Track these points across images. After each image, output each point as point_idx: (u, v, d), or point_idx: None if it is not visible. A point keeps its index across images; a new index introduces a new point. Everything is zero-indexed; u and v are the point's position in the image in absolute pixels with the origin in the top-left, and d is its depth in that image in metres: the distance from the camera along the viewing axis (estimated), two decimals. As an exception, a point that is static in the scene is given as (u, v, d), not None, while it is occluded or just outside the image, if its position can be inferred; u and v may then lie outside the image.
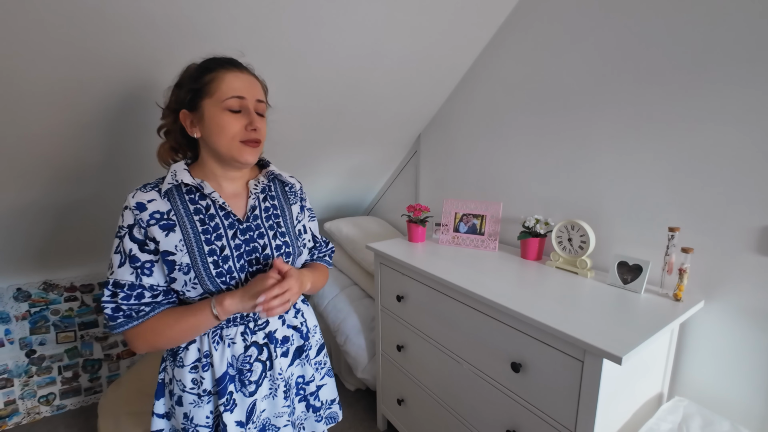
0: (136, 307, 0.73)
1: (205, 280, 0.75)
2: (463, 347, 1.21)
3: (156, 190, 0.76)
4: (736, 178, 0.98)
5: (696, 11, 1.00)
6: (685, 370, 1.12)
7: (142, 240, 0.73)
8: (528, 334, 1.00)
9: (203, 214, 0.77)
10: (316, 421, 0.96)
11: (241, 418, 0.80)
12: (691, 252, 1.02)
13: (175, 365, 0.80)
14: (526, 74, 1.44)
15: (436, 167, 1.95)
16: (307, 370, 0.94)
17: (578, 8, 1.24)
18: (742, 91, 0.94)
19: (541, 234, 1.37)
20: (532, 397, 1.01)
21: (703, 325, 1.08)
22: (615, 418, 0.95)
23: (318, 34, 1.19)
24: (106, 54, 0.97)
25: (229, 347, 0.80)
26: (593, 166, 1.27)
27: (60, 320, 1.85)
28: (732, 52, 0.95)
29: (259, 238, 0.81)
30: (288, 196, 0.92)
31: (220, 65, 0.76)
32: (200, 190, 0.78)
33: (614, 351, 0.79)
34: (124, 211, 0.74)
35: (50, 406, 1.86)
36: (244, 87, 0.75)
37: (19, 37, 0.86)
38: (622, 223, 1.22)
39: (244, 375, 0.81)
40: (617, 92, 1.18)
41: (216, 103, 0.74)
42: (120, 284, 0.73)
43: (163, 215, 0.74)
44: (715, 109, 0.99)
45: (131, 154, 1.34)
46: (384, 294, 1.57)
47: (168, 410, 0.84)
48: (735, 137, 0.97)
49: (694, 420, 0.99)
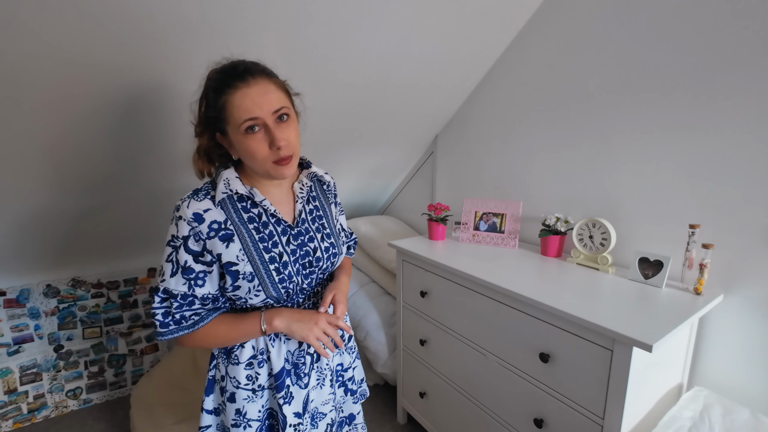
0: (187, 316, 0.75)
1: (269, 287, 0.77)
2: (488, 340, 1.26)
3: (209, 198, 0.75)
4: (754, 178, 1.02)
5: (716, 17, 1.04)
6: (704, 361, 1.17)
7: (198, 252, 0.73)
8: (556, 325, 1.04)
9: (257, 222, 0.78)
10: (353, 403, 1.01)
11: (298, 410, 0.83)
12: (711, 248, 1.07)
13: (229, 362, 0.82)
14: (546, 76, 1.49)
15: (453, 167, 2.00)
16: (345, 359, 0.98)
17: (599, 13, 1.29)
18: (762, 94, 0.99)
19: (562, 232, 1.42)
20: (560, 387, 1.05)
21: (722, 318, 1.12)
22: (640, 406, 1.00)
23: (346, 37, 1.24)
24: (118, 59, 1.01)
25: (285, 343, 0.83)
26: (613, 166, 1.32)
27: (87, 316, 1.90)
28: (752, 56, 1.00)
29: (310, 242, 0.84)
30: (327, 195, 0.94)
31: (227, 85, 0.71)
32: (251, 198, 0.78)
33: (645, 339, 0.84)
34: (179, 221, 0.73)
35: (77, 400, 1.91)
36: (254, 104, 0.70)
37: (42, 41, 0.90)
38: (642, 221, 1.27)
39: (299, 369, 0.84)
40: (638, 94, 1.23)
41: (235, 129, 0.71)
42: (172, 293, 0.74)
43: (220, 225, 0.74)
44: (735, 112, 1.04)
45: (152, 157, 1.39)
46: (406, 290, 1.62)
47: (217, 406, 0.86)
48: (754, 138, 1.02)
49: (715, 408, 1.03)
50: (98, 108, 1.12)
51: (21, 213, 1.39)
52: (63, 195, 1.39)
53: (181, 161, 1.46)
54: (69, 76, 0.99)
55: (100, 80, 1.04)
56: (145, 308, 2.03)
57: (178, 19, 0.97)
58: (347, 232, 1.06)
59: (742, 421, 0.99)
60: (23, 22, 0.84)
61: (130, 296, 1.99)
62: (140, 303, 2.02)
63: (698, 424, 0.99)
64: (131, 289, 1.99)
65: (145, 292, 2.02)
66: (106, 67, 1.01)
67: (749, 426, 0.97)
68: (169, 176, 1.52)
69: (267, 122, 0.71)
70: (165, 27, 0.98)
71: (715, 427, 0.98)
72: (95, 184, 1.40)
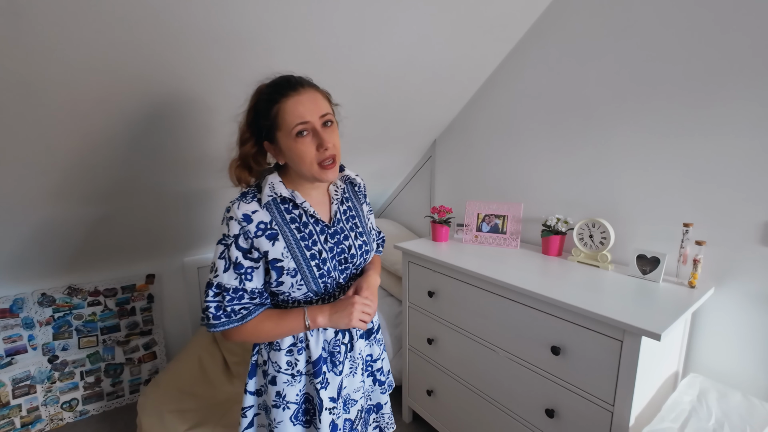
0: (236, 309, 0.81)
1: (310, 282, 0.84)
2: (498, 336, 1.31)
3: (256, 201, 0.82)
4: (743, 180, 1.12)
5: (709, 30, 1.14)
6: (697, 350, 1.26)
7: (247, 249, 0.80)
8: (565, 319, 1.11)
9: (298, 223, 0.85)
10: (381, 393, 1.07)
11: (333, 395, 0.90)
12: (704, 244, 1.16)
13: (271, 349, 0.89)
14: (545, 84, 1.57)
15: (452, 171, 2.06)
16: (374, 350, 1.04)
17: (597, 23, 1.38)
18: (752, 101, 1.09)
19: (562, 232, 1.50)
20: (571, 377, 1.11)
21: (713, 310, 1.22)
22: (645, 394, 1.07)
23: (359, 46, 1.28)
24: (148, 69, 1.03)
25: (322, 333, 0.89)
26: (611, 169, 1.41)
27: (83, 325, 1.85)
28: (740, 67, 1.10)
29: (345, 240, 0.91)
30: (358, 196, 1.01)
31: (281, 94, 0.78)
32: (293, 200, 0.85)
33: (653, 329, 0.91)
34: (230, 221, 0.80)
35: (73, 412, 1.85)
36: (306, 110, 0.78)
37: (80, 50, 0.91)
38: (639, 220, 1.35)
39: (335, 357, 0.91)
40: (635, 101, 1.32)
41: (287, 134, 0.79)
42: (225, 287, 0.80)
43: (267, 225, 0.81)
44: (728, 118, 1.13)
45: (158, 162, 1.38)
46: (413, 291, 1.66)
47: (259, 388, 0.93)
48: (745, 143, 1.11)
49: (711, 393, 1.12)
50: (115, 115, 1.12)
51: (20, 221, 1.36)
52: (63, 203, 1.36)
53: (190, 166, 1.46)
54: (91, 82, 0.99)
55: (119, 88, 1.05)
56: (143, 315, 1.99)
57: (205, 28, 0.99)
58: (376, 230, 1.12)
59: (735, 403, 1.08)
60: (48, 29, 0.84)
61: (128, 303, 1.95)
62: (138, 310, 1.98)
63: (697, 407, 1.07)
64: (129, 296, 1.95)
65: (143, 299, 1.99)
66: (129, 75, 1.02)
67: (742, 407, 1.06)
68: (175, 182, 1.51)
69: (315, 126, 0.79)
70: (189, 37, 1.00)
71: (713, 409, 1.06)
72: (97, 192, 1.38)
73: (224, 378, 1.66)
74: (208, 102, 1.23)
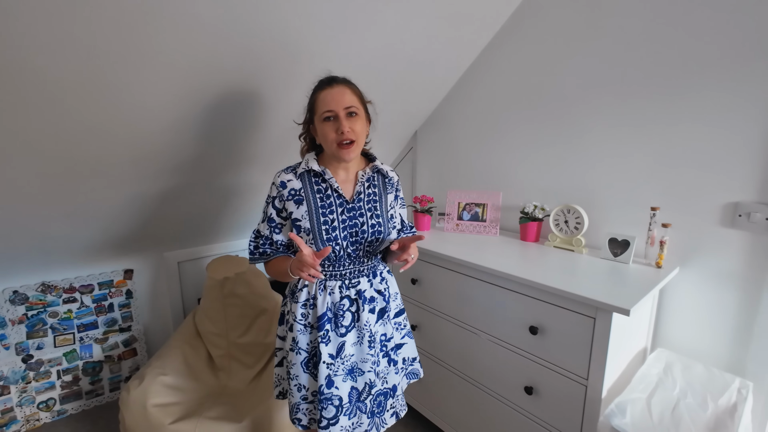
0: (266, 251, 1.05)
1: (318, 242, 0.99)
2: (479, 320, 1.36)
3: (293, 172, 1.03)
4: (705, 167, 1.20)
5: (675, 27, 1.20)
6: (664, 326, 1.34)
7: (279, 209, 1.03)
8: (542, 300, 1.16)
9: (323, 194, 1.02)
10: (396, 373, 1.13)
11: (332, 352, 1.02)
12: (669, 227, 1.23)
13: (292, 301, 1.05)
14: (523, 75, 1.61)
15: (433, 161, 2.09)
16: (387, 329, 1.11)
17: (572, 17, 1.43)
18: (712, 94, 1.16)
19: (539, 218, 1.55)
20: (548, 355, 1.17)
21: (678, 288, 1.29)
22: (616, 368, 1.14)
23: (339, 37, 1.29)
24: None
25: (330, 295, 1.02)
26: (585, 157, 1.47)
27: (58, 323, 1.80)
28: (704, 61, 1.16)
29: (360, 217, 1.03)
30: (386, 186, 1.11)
31: (318, 88, 1.00)
32: (322, 176, 1.01)
33: (623, 305, 0.97)
34: (272, 186, 1.03)
35: (50, 412, 1.80)
36: (332, 100, 0.96)
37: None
38: (610, 206, 1.42)
39: (339, 318, 1.02)
40: (607, 93, 1.38)
41: (319, 119, 0.99)
42: (260, 234, 1.06)
43: (297, 192, 1.01)
44: (691, 109, 1.21)
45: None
46: (396, 279, 1.69)
47: (284, 335, 1.12)
48: (705, 132, 1.19)
49: (676, 365, 1.20)
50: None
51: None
52: (29, 199, 1.32)
53: (192, 165, 1.43)
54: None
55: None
56: (122, 311, 1.95)
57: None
58: (408, 224, 1.23)
59: (698, 374, 1.16)
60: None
61: (106, 300, 1.90)
62: (116, 306, 1.94)
63: (663, 379, 1.15)
64: (107, 292, 1.90)
65: (121, 295, 1.94)
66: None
67: (704, 377, 1.14)
68: (172, 176, 1.48)
69: (339, 114, 0.96)
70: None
71: (677, 380, 1.13)
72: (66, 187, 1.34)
73: (209, 371, 1.65)
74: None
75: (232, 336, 1.66)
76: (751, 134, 1.11)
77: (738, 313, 1.19)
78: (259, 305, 1.70)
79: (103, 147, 1.26)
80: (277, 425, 1.41)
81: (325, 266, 1.02)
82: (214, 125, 1.39)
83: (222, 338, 1.67)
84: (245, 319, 1.68)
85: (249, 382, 1.62)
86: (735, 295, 1.18)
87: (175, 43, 1.06)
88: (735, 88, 1.12)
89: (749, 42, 1.09)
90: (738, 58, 1.11)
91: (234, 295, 1.64)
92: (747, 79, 1.10)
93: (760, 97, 1.09)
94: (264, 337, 1.68)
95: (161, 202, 1.65)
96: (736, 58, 1.11)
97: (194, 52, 1.11)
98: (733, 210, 1.16)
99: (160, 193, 1.59)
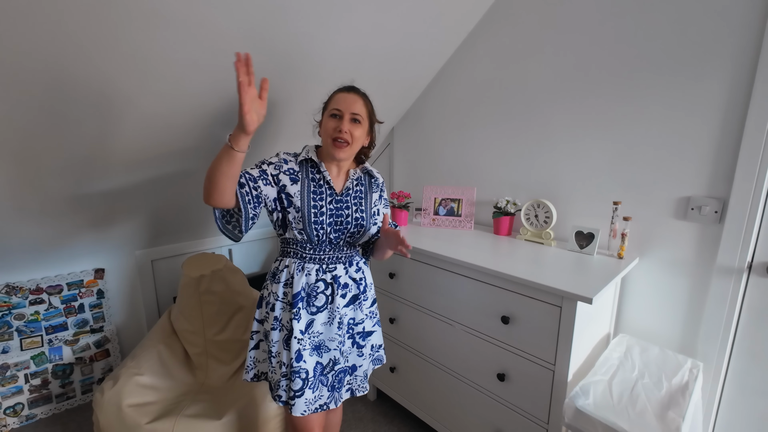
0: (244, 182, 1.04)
1: (305, 223, 1.07)
2: (454, 311, 1.41)
3: (294, 158, 1.12)
4: (661, 164, 1.28)
5: (629, 33, 1.27)
6: (625, 313, 1.43)
7: (274, 174, 1.08)
8: (513, 290, 1.22)
9: (316, 183, 1.11)
10: (359, 356, 1.20)
11: (302, 328, 1.09)
12: (629, 220, 1.31)
13: (274, 282, 1.12)
14: (494, 74, 1.66)
15: (409, 158, 2.12)
16: (358, 314, 1.18)
17: (539, 21, 1.48)
18: (663, 96, 1.24)
19: (511, 213, 1.61)
20: (519, 343, 1.23)
21: (638, 277, 1.38)
22: (581, 353, 1.21)
23: (314, 33, 1.29)
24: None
25: (306, 276, 1.10)
26: (553, 153, 1.53)
27: (25, 325, 1.73)
28: (656, 65, 1.24)
29: (345, 209, 1.12)
30: (372, 186, 1.21)
31: (338, 90, 1.12)
32: (318, 167, 1.11)
33: (587, 294, 1.03)
34: (273, 157, 1.11)
35: (18, 417, 1.74)
36: (344, 103, 1.07)
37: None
38: (577, 200, 1.49)
39: (311, 299, 1.10)
40: (571, 94, 1.44)
41: (327, 114, 1.10)
42: (248, 172, 1.06)
43: (294, 171, 1.10)
44: (647, 109, 1.28)
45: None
46: (375, 273, 1.72)
47: (262, 318, 1.17)
48: (659, 132, 1.27)
49: (635, 349, 1.28)
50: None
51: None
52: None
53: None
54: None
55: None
56: (92, 312, 1.89)
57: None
58: (392, 223, 1.28)
59: (654, 356, 1.24)
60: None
61: (75, 300, 1.85)
62: (87, 307, 1.88)
63: (624, 362, 1.23)
64: (76, 293, 1.84)
65: (92, 296, 1.89)
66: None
67: (660, 358, 1.23)
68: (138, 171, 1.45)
69: (344, 116, 1.07)
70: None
71: (636, 362, 1.22)
72: (35, 183, 1.30)
73: (186, 369, 1.64)
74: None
75: (209, 333, 1.65)
76: (702, 133, 1.19)
77: (690, 299, 1.28)
78: (236, 302, 1.69)
79: (75, 141, 1.22)
80: (257, 420, 1.42)
81: (307, 249, 1.10)
82: (198, 120, 1.36)
83: (199, 336, 1.66)
84: (222, 316, 1.67)
85: (227, 379, 1.62)
86: (687, 282, 1.28)
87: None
88: (686, 90, 1.20)
89: (697, 45, 1.17)
90: (688, 60, 1.19)
91: (210, 293, 1.63)
92: (696, 81, 1.18)
93: (708, 98, 1.17)
94: (242, 334, 1.68)
95: (133, 199, 1.62)
96: (687, 60, 1.19)
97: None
98: (686, 204, 1.25)
99: (132, 189, 1.56)
